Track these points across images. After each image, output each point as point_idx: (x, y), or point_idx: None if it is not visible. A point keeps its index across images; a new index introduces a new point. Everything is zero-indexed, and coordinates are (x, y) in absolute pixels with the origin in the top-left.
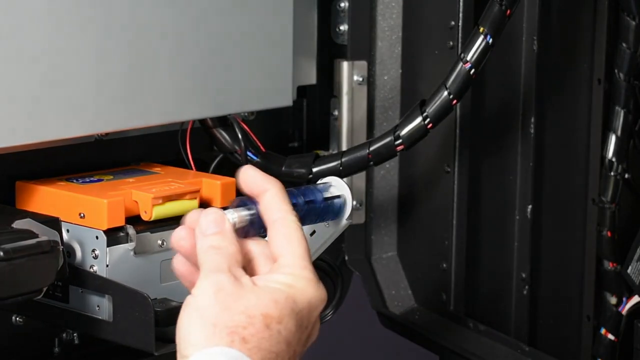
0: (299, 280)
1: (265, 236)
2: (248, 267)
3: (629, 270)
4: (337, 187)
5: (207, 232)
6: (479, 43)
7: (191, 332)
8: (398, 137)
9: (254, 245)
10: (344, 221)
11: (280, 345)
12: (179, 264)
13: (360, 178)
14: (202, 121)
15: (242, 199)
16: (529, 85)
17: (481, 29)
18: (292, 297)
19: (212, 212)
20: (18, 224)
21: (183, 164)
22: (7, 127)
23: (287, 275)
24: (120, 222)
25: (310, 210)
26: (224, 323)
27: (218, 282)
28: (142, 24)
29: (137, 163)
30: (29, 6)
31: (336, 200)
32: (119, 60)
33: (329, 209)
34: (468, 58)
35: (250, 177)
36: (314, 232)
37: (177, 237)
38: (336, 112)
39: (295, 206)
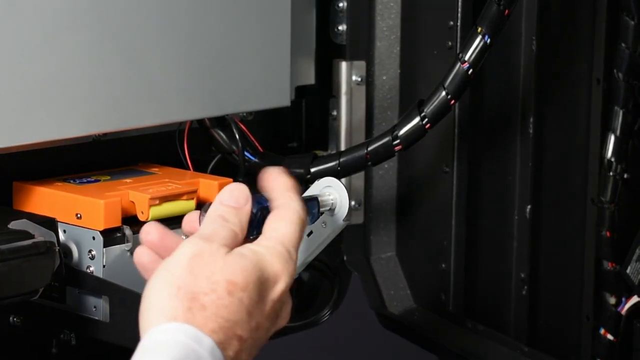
0: (272, 252)
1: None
2: None
3: (628, 271)
4: (334, 187)
5: (224, 202)
6: (476, 43)
7: (155, 289)
8: (396, 137)
9: None
10: (341, 221)
11: (240, 314)
12: (141, 256)
13: (359, 178)
14: (200, 121)
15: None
16: (528, 85)
17: (479, 29)
18: (260, 266)
19: (238, 188)
20: (14, 225)
21: (181, 164)
22: (4, 128)
23: (262, 247)
24: (117, 222)
25: None
26: (188, 287)
27: (199, 249)
28: (139, 24)
29: (134, 163)
30: (26, 6)
31: (310, 203)
32: (117, 60)
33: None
34: (466, 58)
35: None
36: (311, 232)
37: (145, 231)
38: (335, 112)
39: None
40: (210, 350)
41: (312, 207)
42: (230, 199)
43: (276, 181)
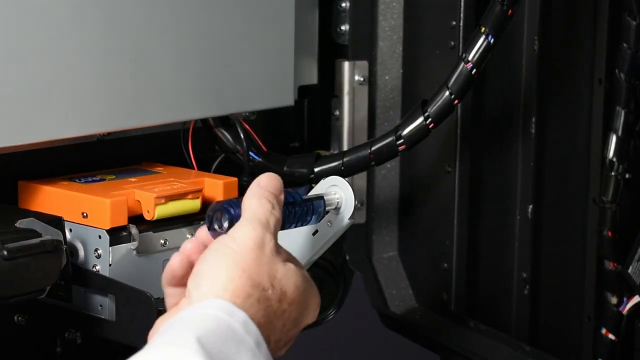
0: (316, 290)
1: None
2: None
3: (629, 270)
4: (340, 186)
5: (264, 187)
6: (480, 43)
7: (223, 263)
8: (399, 137)
9: None
10: (347, 220)
11: (279, 321)
12: (179, 265)
13: (361, 178)
14: (204, 121)
15: (222, 202)
16: (530, 85)
17: (483, 29)
18: (309, 294)
19: (275, 176)
20: (21, 224)
21: (185, 163)
22: (10, 127)
23: (306, 274)
24: (123, 221)
25: (290, 213)
26: (251, 274)
27: (263, 238)
28: (144, 24)
29: (139, 163)
30: (30, 6)
31: (316, 202)
32: (122, 60)
33: (308, 211)
34: (469, 58)
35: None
36: (316, 231)
37: (186, 247)
38: (337, 112)
39: None
40: (255, 341)
41: (318, 207)
42: (269, 185)
43: None
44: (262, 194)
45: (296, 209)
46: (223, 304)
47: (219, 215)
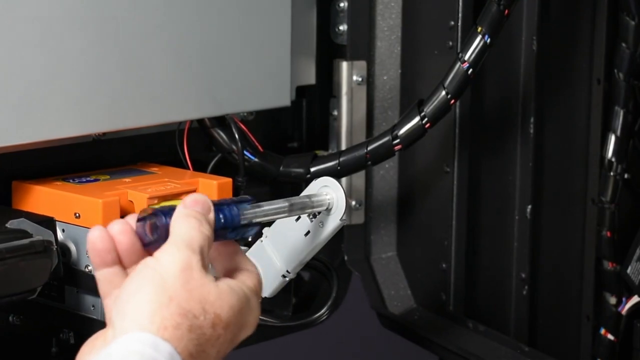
0: (255, 300)
1: None
2: None
3: (628, 271)
4: (332, 187)
5: (189, 206)
6: (476, 43)
7: (146, 292)
8: (396, 137)
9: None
10: (338, 221)
11: (214, 348)
12: (100, 240)
13: (359, 178)
14: (200, 121)
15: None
16: (529, 85)
17: (479, 29)
18: (245, 311)
19: (202, 196)
20: (12, 224)
21: (181, 164)
22: (4, 127)
23: (251, 291)
24: None
25: (219, 236)
26: (180, 302)
27: (189, 260)
28: (140, 24)
29: (134, 163)
30: (25, 6)
31: (250, 229)
32: (117, 60)
33: (237, 235)
34: (466, 58)
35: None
36: (308, 232)
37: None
38: (335, 112)
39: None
40: None
41: (248, 232)
42: (196, 205)
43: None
44: (188, 214)
45: (227, 235)
46: (148, 337)
47: (149, 224)
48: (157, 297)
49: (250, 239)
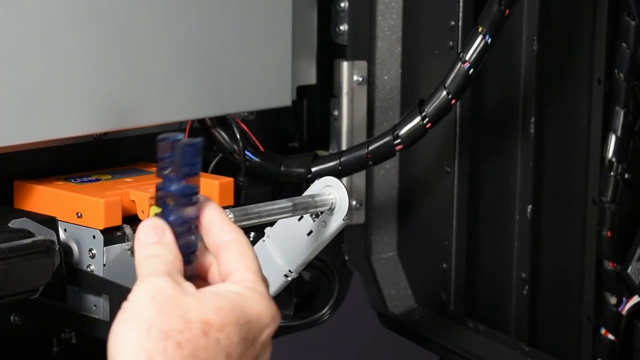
0: (251, 292)
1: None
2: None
3: (629, 271)
4: (334, 187)
5: (144, 243)
6: (477, 43)
7: (124, 335)
8: (397, 137)
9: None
10: (341, 221)
11: (218, 355)
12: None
13: (360, 178)
14: (201, 121)
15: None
16: (529, 85)
17: (480, 29)
18: (240, 306)
19: (150, 221)
20: (14, 224)
21: None
22: (5, 127)
23: (239, 286)
24: (118, 221)
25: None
26: (159, 327)
27: (155, 285)
28: (141, 24)
29: (135, 162)
30: (27, 5)
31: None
32: (118, 59)
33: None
34: (467, 58)
35: None
36: (310, 232)
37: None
38: (336, 112)
39: None
40: None
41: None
42: (148, 236)
43: (211, 215)
44: (140, 255)
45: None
46: None
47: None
48: (136, 334)
49: (251, 239)
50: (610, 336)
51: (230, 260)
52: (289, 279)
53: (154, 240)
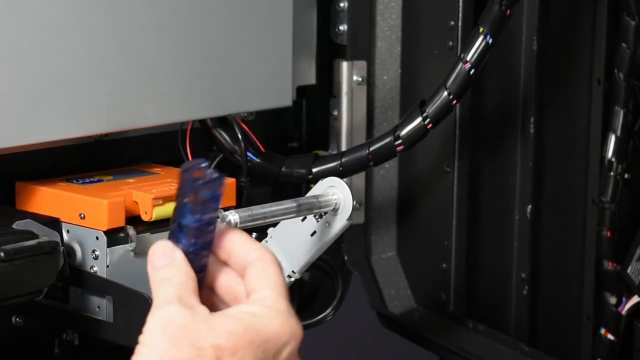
0: (267, 310)
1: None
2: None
3: (628, 271)
4: (338, 187)
5: (157, 266)
6: (478, 43)
7: None
8: (398, 138)
9: (228, 281)
10: (345, 221)
11: None
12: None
13: (359, 178)
14: (202, 121)
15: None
16: (529, 85)
17: (481, 29)
18: (254, 327)
19: (160, 244)
20: (18, 225)
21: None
22: (7, 128)
23: (254, 305)
24: (121, 222)
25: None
26: (171, 357)
27: (166, 316)
28: (142, 25)
29: (137, 163)
30: (28, 6)
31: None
32: (119, 60)
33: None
34: (468, 58)
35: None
36: (314, 232)
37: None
38: (336, 112)
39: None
40: None
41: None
42: (159, 259)
43: (232, 237)
44: (153, 278)
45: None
46: None
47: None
48: None
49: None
50: (610, 336)
51: (253, 279)
52: (293, 279)
53: (164, 263)
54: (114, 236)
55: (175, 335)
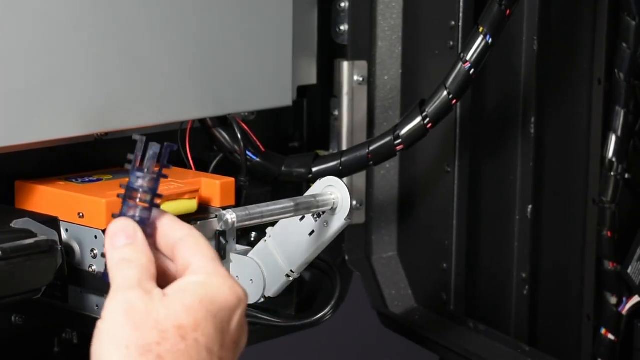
0: (213, 278)
1: None
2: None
3: (629, 271)
4: (336, 187)
5: (117, 244)
6: (478, 43)
7: (105, 357)
8: (398, 137)
9: (169, 263)
10: (343, 221)
11: (200, 355)
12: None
13: (360, 178)
14: (202, 121)
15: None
16: (529, 85)
17: (481, 29)
18: (208, 298)
19: (120, 222)
20: (17, 224)
21: (183, 163)
22: (7, 127)
23: (200, 275)
24: None
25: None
26: (136, 343)
27: (128, 300)
28: (142, 24)
29: None
30: (27, 6)
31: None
32: (119, 59)
33: None
34: (468, 58)
35: None
36: (312, 232)
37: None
38: (336, 112)
39: None
40: None
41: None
42: (120, 237)
43: (160, 220)
44: (113, 257)
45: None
46: None
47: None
48: (116, 355)
49: (252, 239)
50: (611, 336)
51: (186, 253)
52: (291, 279)
53: (125, 242)
54: None
55: (138, 321)
